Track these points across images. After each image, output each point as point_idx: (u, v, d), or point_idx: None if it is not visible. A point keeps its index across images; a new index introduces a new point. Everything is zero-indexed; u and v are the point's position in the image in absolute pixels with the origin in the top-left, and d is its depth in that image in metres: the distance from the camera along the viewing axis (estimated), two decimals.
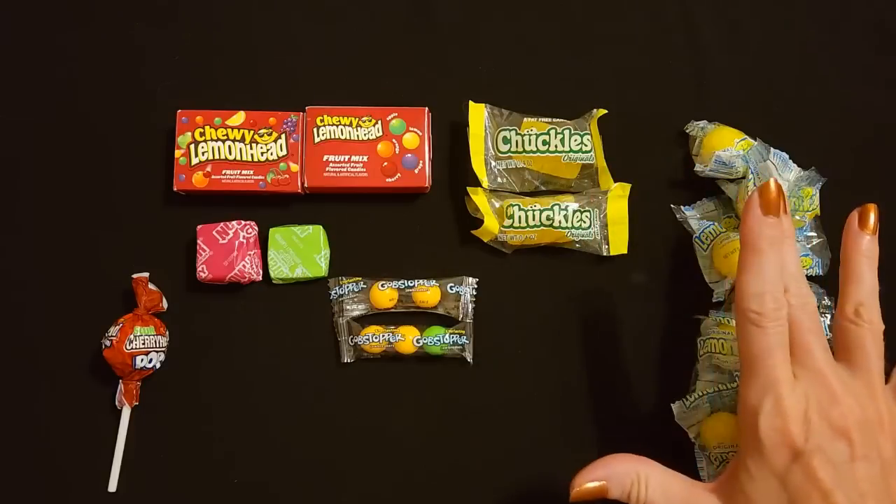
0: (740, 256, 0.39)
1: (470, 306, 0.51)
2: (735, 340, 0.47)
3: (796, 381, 0.37)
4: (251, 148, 0.50)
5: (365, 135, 0.51)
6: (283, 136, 0.51)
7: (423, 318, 0.51)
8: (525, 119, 0.52)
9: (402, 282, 0.51)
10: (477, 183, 0.51)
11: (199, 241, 0.50)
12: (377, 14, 0.56)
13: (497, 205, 0.51)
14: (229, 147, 0.50)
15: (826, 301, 0.51)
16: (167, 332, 0.49)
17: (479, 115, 0.52)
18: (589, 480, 0.38)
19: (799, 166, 0.50)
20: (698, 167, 0.51)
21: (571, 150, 0.51)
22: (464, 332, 0.50)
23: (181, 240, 0.52)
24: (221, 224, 0.50)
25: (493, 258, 0.52)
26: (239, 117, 0.51)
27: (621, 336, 0.51)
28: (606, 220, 0.52)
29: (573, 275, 0.52)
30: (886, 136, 0.55)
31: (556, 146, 0.51)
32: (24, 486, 0.49)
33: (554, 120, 0.52)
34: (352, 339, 0.50)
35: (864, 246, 0.41)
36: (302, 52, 0.55)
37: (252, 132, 0.51)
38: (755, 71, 0.56)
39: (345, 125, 0.51)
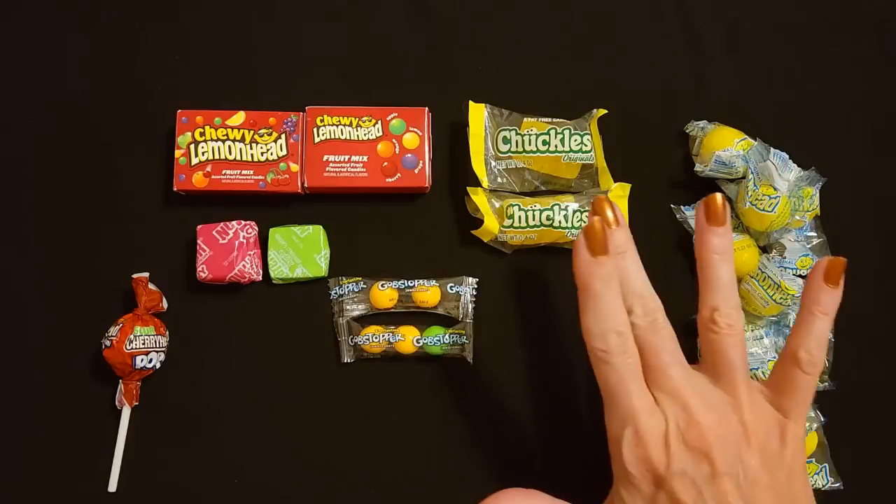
0: (578, 297, 0.39)
1: (470, 306, 0.51)
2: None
3: (657, 405, 0.37)
4: (251, 148, 0.50)
5: (365, 135, 0.51)
6: (283, 136, 0.51)
7: (423, 318, 0.51)
8: (525, 119, 0.52)
9: (402, 282, 0.51)
10: (477, 183, 0.51)
11: (199, 241, 0.50)
12: (377, 14, 0.56)
13: (497, 205, 0.51)
14: (229, 147, 0.50)
15: None
16: (167, 332, 0.49)
17: (479, 115, 0.52)
18: None
19: (799, 166, 0.50)
20: (698, 167, 0.51)
21: (571, 150, 0.51)
22: (464, 332, 0.50)
23: (181, 240, 0.52)
24: (221, 224, 0.50)
25: (493, 258, 0.52)
26: (239, 117, 0.51)
27: None
28: None
29: (573, 275, 0.52)
30: (886, 136, 0.55)
31: (556, 146, 0.51)
32: (25, 486, 0.49)
33: (554, 120, 0.52)
34: (352, 339, 0.50)
35: (714, 242, 0.39)
36: (302, 52, 0.55)
37: (252, 132, 0.51)
38: (755, 71, 0.56)
39: (345, 125, 0.51)
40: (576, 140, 0.51)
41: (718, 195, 0.40)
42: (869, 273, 0.53)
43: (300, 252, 0.50)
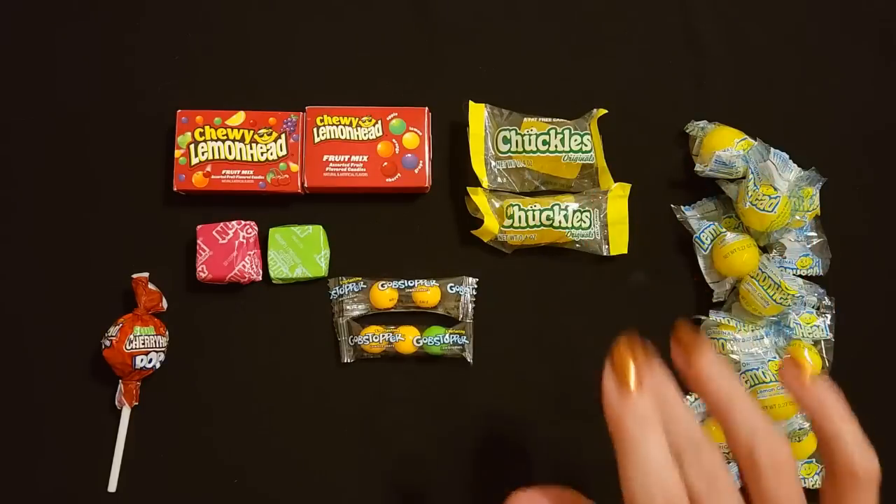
0: (613, 444, 0.30)
1: (470, 306, 0.51)
2: (735, 342, 0.47)
3: None
4: (251, 148, 0.50)
5: (365, 135, 0.51)
6: (283, 136, 0.51)
7: (423, 318, 0.51)
8: (525, 119, 0.52)
9: (402, 282, 0.51)
10: (477, 183, 0.51)
11: (199, 241, 0.50)
12: (377, 14, 0.56)
13: (497, 205, 0.51)
14: (229, 147, 0.50)
15: (827, 301, 0.51)
16: (167, 332, 0.49)
17: (479, 115, 0.52)
18: None
19: (799, 166, 0.50)
20: (698, 167, 0.51)
21: (571, 150, 0.51)
22: (464, 332, 0.50)
23: (181, 240, 0.52)
24: (221, 224, 0.50)
25: (493, 258, 0.52)
26: (239, 117, 0.51)
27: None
28: (606, 221, 0.52)
29: (573, 275, 0.52)
30: (887, 136, 0.55)
31: (556, 146, 0.51)
32: (25, 485, 0.49)
33: (554, 120, 0.52)
34: (352, 339, 0.50)
35: (713, 369, 0.29)
36: (302, 52, 0.55)
37: (252, 132, 0.51)
38: (755, 71, 0.56)
39: (345, 125, 0.51)
40: (576, 140, 0.51)
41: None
42: (869, 273, 0.53)
43: (300, 252, 0.50)
